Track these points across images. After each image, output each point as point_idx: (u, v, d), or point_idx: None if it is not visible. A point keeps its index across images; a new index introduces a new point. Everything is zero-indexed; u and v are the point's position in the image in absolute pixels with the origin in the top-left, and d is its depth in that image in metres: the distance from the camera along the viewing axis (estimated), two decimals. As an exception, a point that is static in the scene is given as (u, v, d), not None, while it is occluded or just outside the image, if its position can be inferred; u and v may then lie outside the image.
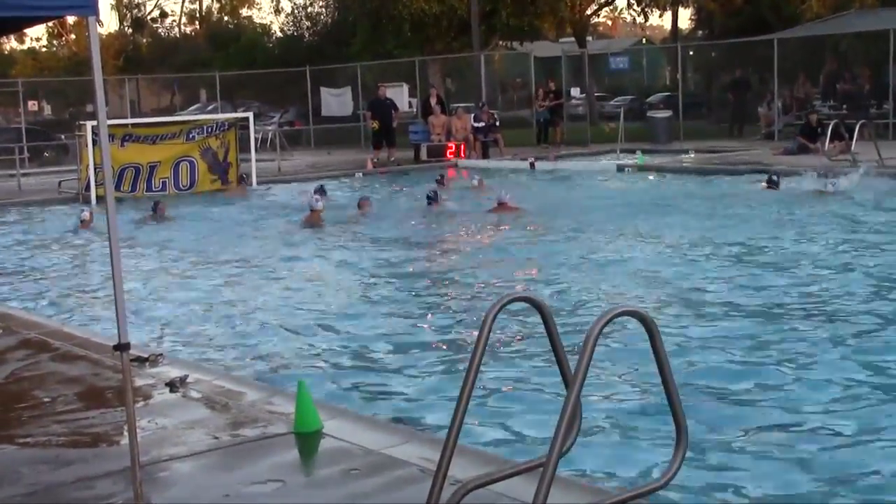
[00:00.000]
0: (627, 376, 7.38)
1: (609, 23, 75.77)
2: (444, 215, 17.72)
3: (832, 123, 22.10)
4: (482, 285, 11.52)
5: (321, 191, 19.25)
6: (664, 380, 3.83)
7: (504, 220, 16.36)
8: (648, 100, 41.75)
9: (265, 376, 7.85)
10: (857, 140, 20.99)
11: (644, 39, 65.67)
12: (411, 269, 12.75)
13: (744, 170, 21.39)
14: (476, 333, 3.97)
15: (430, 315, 10.02)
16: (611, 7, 50.29)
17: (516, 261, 12.99)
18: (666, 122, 30.71)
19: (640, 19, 48.15)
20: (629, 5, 46.40)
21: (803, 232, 13.96)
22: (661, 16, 51.26)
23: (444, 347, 8.73)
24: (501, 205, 17.26)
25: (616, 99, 45.26)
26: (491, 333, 3.99)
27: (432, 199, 18.23)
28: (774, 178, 18.62)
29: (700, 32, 49.61)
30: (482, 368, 4.02)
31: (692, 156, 25.67)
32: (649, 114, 32.57)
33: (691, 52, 41.88)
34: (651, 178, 22.18)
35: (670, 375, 3.82)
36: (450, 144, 27.95)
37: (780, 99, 30.19)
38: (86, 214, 17.63)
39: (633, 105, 40.00)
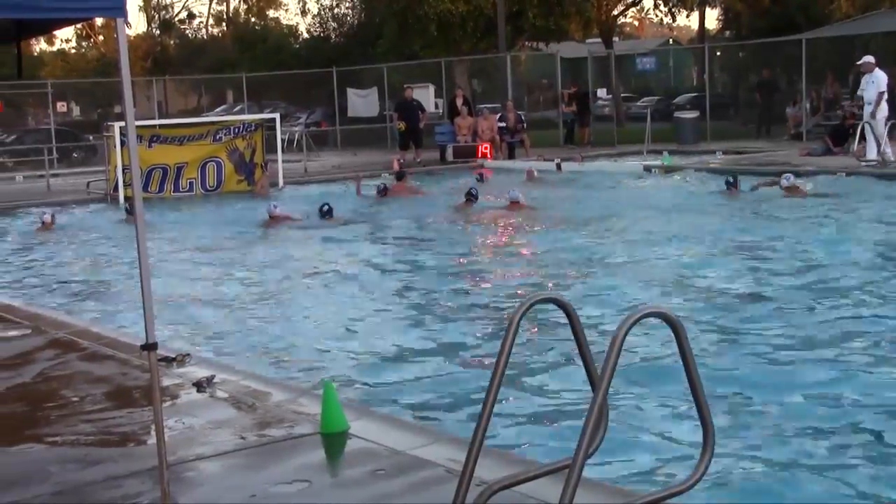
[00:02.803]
0: (654, 377, 7.36)
1: (636, 23, 75.74)
2: (461, 214, 17.71)
3: (860, 124, 21.97)
4: (508, 286, 11.52)
5: (329, 211, 17.41)
6: (691, 381, 3.81)
7: (521, 219, 16.37)
8: (675, 100, 41.63)
9: (292, 377, 7.88)
10: (886, 140, 20.88)
11: (671, 40, 65.46)
12: (436, 270, 12.75)
13: (771, 171, 21.28)
14: (502, 334, 3.96)
15: (455, 316, 10.01)
16: (637, 7, 50.20)
17: (541, 261, 12.98)
18: (693, 123, 30.59)
19: (667, 20, 48.07)
20: (656, 6, 46.30)
21: (833, 232, 13.89)
22: (688, 16, 51.42)
23: (471, 348, 8.72)
24: (514, 203, 17.26)
25: (643, 99, 45.19)
26: (517, 334, 3.98)
27: (472, 196, 18.12)
28: (731, 179, 18.53)
29: (727, 33, 49.39)
30: (508, 369, 4.01)
31: (719, 157, 25.55)
32: (676, 114, 32.47)
33: (718, 53, 41.73)
34: (677, 178, 22.09)
35: (697, 377, 3.80)
36: (482, 145, 27.89)
37: (808, 99, 30.00)
38: (47, 217, 17.52)
39: (659, 106, 39.91)
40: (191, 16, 69.66)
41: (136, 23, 68.37)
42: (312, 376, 7.82)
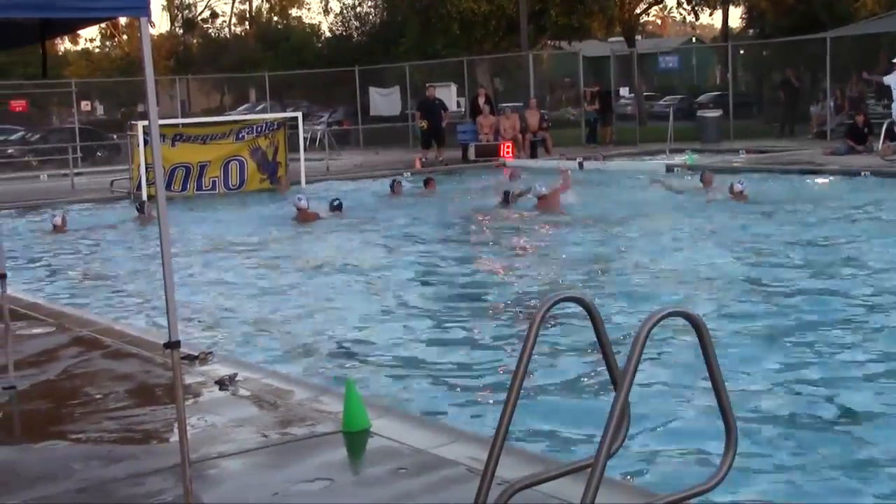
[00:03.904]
0: (676, 377, 7.34)
1: (658, 22, 75.45)
2: (489, 212, 17.70)
3: (886, 123, 21.83)
4: (530, 284, 11.50)
5: (339, 206, 17.98)
6: (713, 380, 3.79)
7: (550, 218, 16.34)
8: (698, 99, 41.45)
9: (314, 375, 7.90)
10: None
11: (694, 38, 65.18)
12: (459, 268, 12.76)
13: (794, 170, 21.22)
14: (524, 333, 3.95)
15: (477, 314, 10.01)
16: (660, 6, 49.97)
17: (564, 259, 12.96)
18: (716, 122, 30.48)
19: (690, 18, 47.81)
20: (679, 4, 46.06)
21: (861, 230, 13.84)
22: (711, 14, 50.92)
23: (493, 347, 8.71)
24: (542, 199, 17.22)
25: (665, 98, 45.00)
26: (539, 333, 3.97)
27: (510, 197, 18.14)
28: (701, 176, 18.40)
29: (751, 31, 49.11)
30: (530, 368, 4.01)
31: (742, 156, 25.44)
32: (699, 113, 32.35)
33: (742, 51, 41.52)
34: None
35: (719, 376, 3.79)
36: (505, 143, 27.86)
37: (832, 98, 29.84)
38: (58, 220, 17.41)
39: (682, 104, 39.76)
40: (214, 15, 69.98)
41: (160, 22, 68.68)
42: (334, 374, 7.84)
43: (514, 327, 9.29)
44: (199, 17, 68.74)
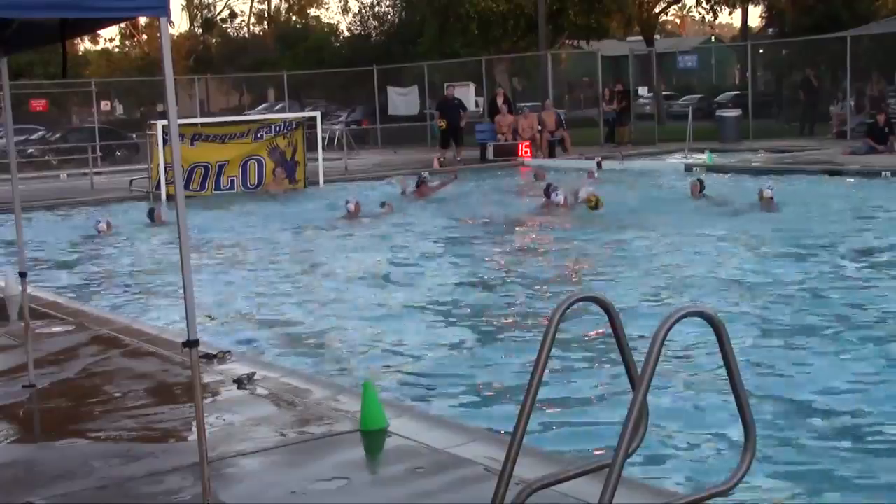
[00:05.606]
0: (695, 377, 7.31)
1: (677, 21, 75.29)
2: (510, 211, 17.67)
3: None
4: (549, 284, 11.49)
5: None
6: (732, 381, 3.78)
7: (573, 217, 16.33)
8: (717, 99, 41.32)
9: (332, 374, 7.90)
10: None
11: (713, 38, 64.98)
12: (477, 267, 12.74)
13: (814, 169, 21.12)
14: (542, 332, 3.95)
15: (496, 314, 10.00)
16: (679, 5, 49.81)
17: (583, 259, 12.94)
18: (735, 122, 30.38)
19: (709, 17, 47.65)
20: (698, 3, 45.91)
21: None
22: (730, 13, 50.68)
23: (511, 346, 8.71)
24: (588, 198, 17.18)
25: (684, 98, 44.90)
26: (557, 333, 3.97)
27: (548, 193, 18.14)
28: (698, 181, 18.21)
29: (771, 30, 48.93)
30: (548, 368, 4.00)
31: (762, 155, 25.34)
32: (718, 113, 32.25)
33: (761, 51, 41.37)
34: (720, 177, 21.91)
35: (738, 377, 3.77)
36: (523, 143, 27.86)
37: (852, 97, 29.69)
38: (102, 226, 17.27)
39: (701, 104, 39.65)
40: (233, 14, 70.02)
41: (179, 22, 69.14)
42: (352, 374, 7.85)
43: (532, 326, 9.27)
44: (218, 17, 68.90)
